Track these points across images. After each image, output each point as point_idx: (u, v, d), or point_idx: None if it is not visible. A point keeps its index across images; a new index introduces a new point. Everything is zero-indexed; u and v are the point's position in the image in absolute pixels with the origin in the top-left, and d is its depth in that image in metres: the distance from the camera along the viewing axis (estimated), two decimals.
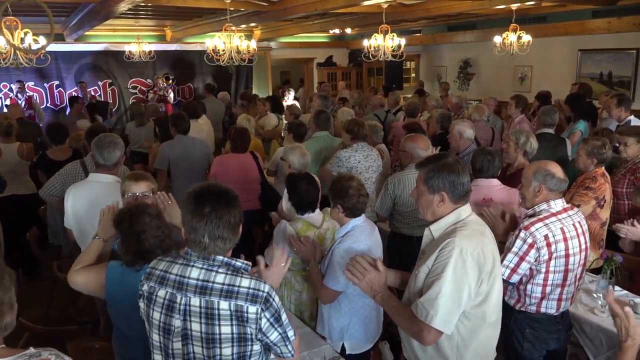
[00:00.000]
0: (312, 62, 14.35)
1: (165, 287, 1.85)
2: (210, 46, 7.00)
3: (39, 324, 3.36)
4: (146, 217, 2.35)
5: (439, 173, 2.13)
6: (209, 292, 1.78)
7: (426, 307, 2.03)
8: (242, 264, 1.86)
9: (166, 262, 1.91)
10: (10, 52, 5.06)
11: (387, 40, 7.41)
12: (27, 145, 5.52)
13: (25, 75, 9.90)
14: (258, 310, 1.77)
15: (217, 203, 1.80)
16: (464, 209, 2.17)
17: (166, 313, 1.85)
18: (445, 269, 2.00)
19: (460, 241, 2.03)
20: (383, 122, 6.79)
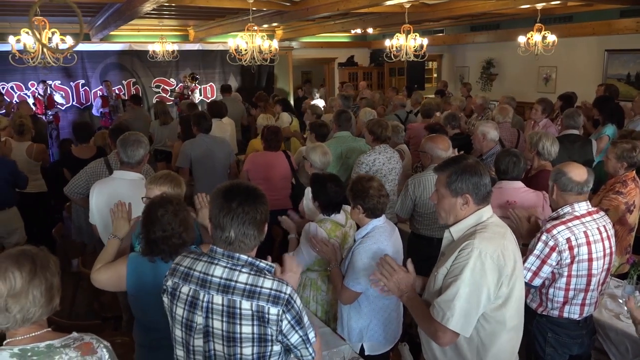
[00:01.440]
0: (333, 62, 14.34)
1: (189, 284, 1.87)
2: (232, 46, 7.05)
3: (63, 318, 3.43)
4: (160, 210, 2.40)
5: (462, 175, 2.10)
6: (231, 291, 1.80)
7: (442, 308, 2.02)
8: (266, 265, 1.87)
9: (191, 258, 1.94)
10: (38, 52, 5.17)
11: (409, 40, 7.37)
12: (38, 147, 5.62)
13: (52, 74, 10.10)
14: (279, 312, 1.78)
15: (244, 199, 1.82)
16: (486, 210, 2.15)
17: (189, 309, 1.87)
18: (463, 271, 1.99)
19: (480, 243, 2.01)
20: (404, 123, 6.76)
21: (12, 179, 4.72)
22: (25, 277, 1.58)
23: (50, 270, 1.66)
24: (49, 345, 1.59)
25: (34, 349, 1.57)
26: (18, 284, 1.57)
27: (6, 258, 1.60)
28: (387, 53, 7.62)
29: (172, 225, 2.38)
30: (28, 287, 1.58)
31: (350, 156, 4.86)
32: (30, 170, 5.44)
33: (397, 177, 4.56)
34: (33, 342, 1.59)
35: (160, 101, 9.18)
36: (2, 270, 1.57)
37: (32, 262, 1.62)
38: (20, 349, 1.56)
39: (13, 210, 4.82)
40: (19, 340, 1.58)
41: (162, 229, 2.37)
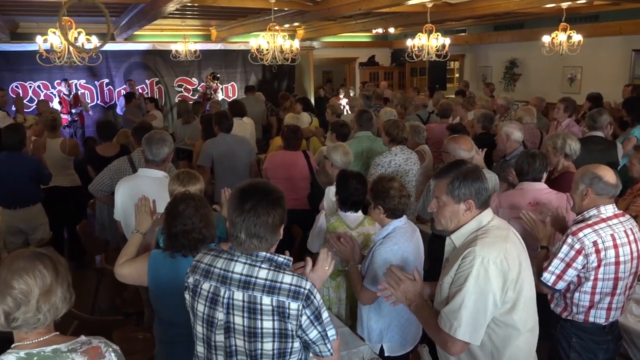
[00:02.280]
0: (354, 62, 14.31)
1: (210, 281, 1.89)
2: (254, 45, 7.08)
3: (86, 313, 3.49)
4: (182, 205, 2.45)
5: (465, 181, 2.07)
6: (251, 287, 1.81)
7: (449, 319, 2.00)
8: (284, 260, 1.88)
9: (211, 256, 1.95)
10: (64, 51, 5.26)
11: (431, 40, 7.31)
12: (71, 141, 5.73)
13: (77, 73, 10.29)
14: (299, 307, 1.79)
15: (258, 201, 1.81)
16: (485, 214, 2.12)
17: (210, 306, 1.88)
18: (467, 280, 1.97)
19: (482, 250, 1.98)
20: (425, 123, 6.71)
21: (36, 175, 4.81)
22: (52, 274, 1.59)
23: (65, 268, 1.66)
24: (56, 349, 1.58)
25: (40, 354, 1.56)
26: (48, 281, 1.57)
27: (29, 257, 1.59)
28: (408, 53, 7.57)
29: (192, 220, 2.42)
30: (55, 284, 1.59)
31: (371, 156, 4.85)
32: (64, 165, 5.54)
33: (414, 178, 4.52)
34: (40, 346, 1.58)
35: (183, 100, 9.28)
36: (32, 268, 1.56)
37: (51, 260, 1.62)
38: (26, 353, 1.55)
39: (37, 206, 4.91)
40: (27, 345, 1.57)
41: (182, 223, 2.42)
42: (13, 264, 1.56)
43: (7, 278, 1.54)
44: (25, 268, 1.55)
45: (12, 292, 1.53)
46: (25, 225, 4.82)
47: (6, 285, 1.53)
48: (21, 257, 1.59)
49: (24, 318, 1.54)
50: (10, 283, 1.53)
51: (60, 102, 9.70)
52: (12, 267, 1.55)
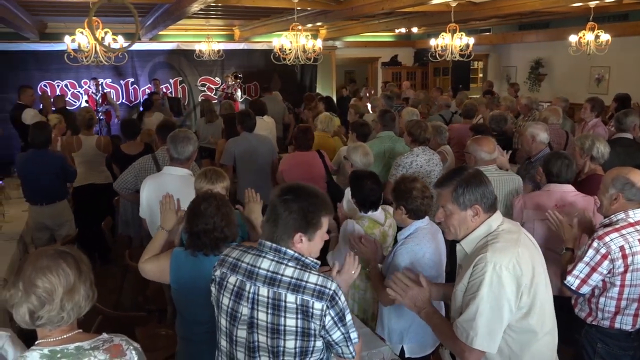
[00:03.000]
0: (376, 61, 14.27)
1: (237, 275, 1.91)
2: (277, 45, 7.11)
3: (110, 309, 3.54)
4: (204, 204, 2.46)
5: (469, 187, 2.05)
6: (277, 283, 1.82)
7: (465, 328, 1.98)
8: (311, 262, 1.89)
9: (240, 250, 1.97)
10: (91, 51, 5.36)
11: (454, 40, 7.25)
12: (105, 139, 5.84)
13: (104, 72, 10.47)
14: (323, 307, 1.79)
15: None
16: (494, 218, 2.09)
17: (235, 300, 1.90)
18: (480, 287, 1.94)
19: (493, 256, 1.95)
20: (448, 123, 6.66)
21: (62, 173, 4.91)
22: (75, 273, 1.61)
23: (88, 266, 1.68)
24: (78, 347, 1.59)
25: (63, 351, 1.57)
26: (71, 280, 1.59)
27: (52, 256, 1.61)
28: (431, 52, 7.52)
29: (214, 219, 2.44)
30: (78, 282, 1.61)
31: (393, 156, 4.83)
32: (99, 162, 5.65)
33: (436, 179, 4.48)
34: (63, 343, 1.59)
35: (207, 99, 9.36)
36: (56, 267, 1.58)
37: (74, 259, 1.64)
38: (50, 350, 1.56)
39: (63, 203, 5.01)
40: (50, 342, 1.59)
41: (204, 222, 2.43)
42: (37, 262, 1.58)
43: (31, 277, 1.55)
44: (49, 267, 1.57)
45: (37, 291, 1.55)
46: (51, 221, 4.92)
47: (31, 284, 1.55)
48: (45, 256, 1.60)
49: (48, 316, 1.56)
50: (35, 282, 1.55)
51: (87, 101, 9.91)
52: (36, 266, 1.57)
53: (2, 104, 9.94)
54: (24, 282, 1.56)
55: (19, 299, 1.55)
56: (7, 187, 5.81)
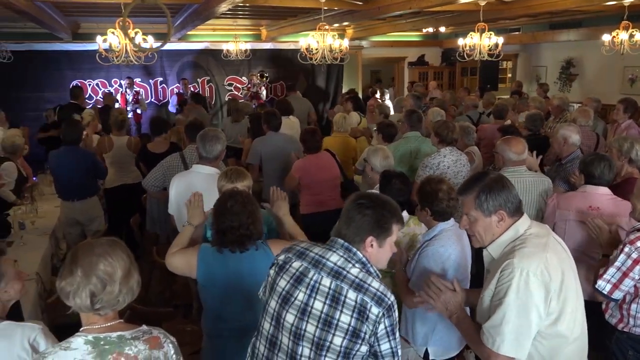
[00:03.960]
0: (403, 61, 14.17)
1: (302, 261, 1.95)
2: (304, 45, 7.13)
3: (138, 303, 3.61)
4: (230, 201, 2.49)
5: (492, 192, 2.02)
6: (342, 278, 1.86)
7: (492, 334, 1.96)
8: (375, 271, 1.93)
9: (310, 243, 2.04)
10: (122, 50, 5.46)
11: (483, 39, 7.15)
12: (135, 139, 5.95)
13: (133, 72, 10.65)
14: (379, 314, 1.81)
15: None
16: (521, 222, 2.06)
17: (293, 284, 1.93)
18: (507, 293, 1.91)
19: (520, 261, 1.92)
20: (476, 124, 6.57)
21: (93, 169, 5.02)
22: (128, 259, 1.69)
23: (132, 256, 1.75)
24: (120, 336, 1.65)
25: (107, 338, 1.63)
26: (127, 264, 1.67)
27: (107, 243, 1.69)
28: (459, 52, 7.43)
29: (240, 217, 2.46)
30: (132, 267, 1.69)
31: (419, 157, 4.79)
32: (130, 162, 5.77)
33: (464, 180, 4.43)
34: (106, 331, 1.65)
35: (234, 99, 9.45)
36: (114, 252, 1.66)
37: (123, 246, 1.72)
38: (94, 337, 1.63)
39: (94, 199, 5.12)
40: (94, 329, 1.65)
41: (230, 220, 2.46)
42: (95, 249, 1.65)
43: (92, 261, 1.62)
44: (108, 252, 1.66)
45: (98, 274, 1.62)
46: (82, 217, 5.03)
47: (91, 268, 1.62)
48: (100, 244, 1.69)
49: (107, 299, 1.63)
50: (97, 265, 1.62)
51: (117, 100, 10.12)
52: (94, 252, 1.64)
53: (37, 103, 10.23)
54: (83, 267, 1.62)
55: (78, 284, 1.61)
56: (40, 184, 5.98)
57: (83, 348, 1.61)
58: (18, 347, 1.96)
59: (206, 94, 11.78)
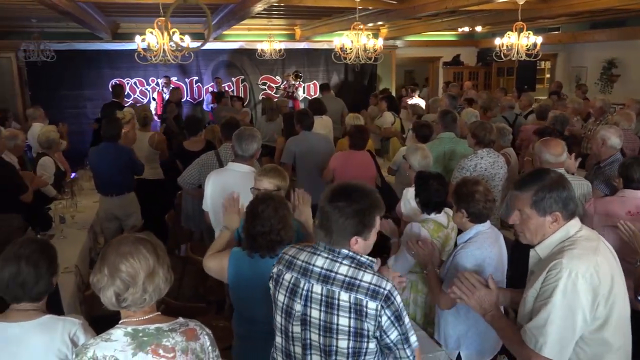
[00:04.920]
0: (437, 61, 14.01)
1: (292, 272, 1.94)
2: (338, 45, 7.12)
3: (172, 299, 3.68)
4: (262, 206, 2.47)
5: (551, 192, 1.95)
6: (331, 281, 1.83)
7: (535, 335, 1.90)
8: (367, 260, 1.89)
9: (296, 249, 2.01)
10: (160, 50, 5.56)
11: (521, 39, 7.01)
12: (159, 136, 6.05)
13: (170, 71, 10.86)
14: (378, 307, 1.78)
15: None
16: (572, 224, 1.99)
17: (289, 296, 1.93)
18: (553, 294, 1.85)
19: (569, 262, 1.86)
20: (512, 125, 6.44)
21: (131, 165, 5.14)
22: (154, 257, 1.71)
23: (164, 251, 1.78)
24: (158, 328, 1.70)
25: (145, 330, 1.68)
26: (151, 264, 1.69)
27: (132, 242, 1.71)
28: (496, 52, 7.30)
29: (271, 222, 2.43)
30: (157, 266, 1.71)
31: (453, 158, 4.73)
32: (151, 159, 5.88)
33: (501, 182, 4.35)
34: (144, 323, 1.70)
35: (268, 98, 9.53)
36: (136, 252, 1.68)
37: (152, 244, 1.74)
38: (132, 329, 1.68)
39: (131, 195, 5.24)
40: (133, 321, 1.70)
41: (261, 224, 2.43)
42: (119, 249, 1.69)
43: (115, 262, 1.66)
44: (131, 252, 1.68)
45: (121, 275, 1.65)
46: (120, 212, 5.16)
47: (115, 269, 1.66)
48: (125, 243, 1.71)
49: (132, 298, 1.67)
50: (119, 267, 1.66)
51: (153, 98, 10.33)
52: (119, 252, 1.68)
53: (76, 101, 10.55)
54: (109, 268, 1.66)
55: (105, 283, 1.66)
56: (80, 179, 6.16)
57: (123, 340, 1.66)
58: (59, 341, 2.02)
59: (240, 93, 11.91)
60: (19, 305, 2.05)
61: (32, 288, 2.04)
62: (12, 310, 2.05)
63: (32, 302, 2.06)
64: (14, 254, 2.03)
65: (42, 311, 2.10)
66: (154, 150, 5.92)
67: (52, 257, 2.15)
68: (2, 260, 2.04)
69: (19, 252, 2.03)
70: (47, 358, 2.00)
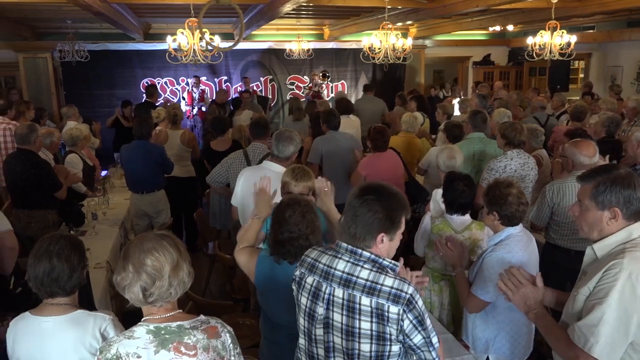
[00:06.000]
0: (467, 60, 13.83)
1: (314, 275, 1.94)
2: (366, 44, 7.10)
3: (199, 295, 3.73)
4: (289, 211, 2.41)
5: (612, 187, 1.90)
6: (352, 285, 1.82)
7: (585, 334, 1.84)
8: (389, 263, 1.86)
9: (318, 251, 2.00)
10: (190, 50, 5.63)
11: (554, 38, 6.85)
12: (190, 134, 6.12)
13: (200, 71, 11.00)
14: (400, 311, 1.76)
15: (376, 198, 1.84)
16: (636, 227, 1.92)
17: (312, 300, 1.93)
18: (609, 293, 1.80)
19: (630, 263, 1.80)
20: (544, 126, 6.31)
21: (162, 162, 5.22)
22: (177, 252, 1.74)
23: (184, 247, 1.80)
24: (180, 325, 1.71)
25: (167, 328, 1.70)
26: (175, 257, 1.72)
27: (155, 238, 1.74)
28: (528, 51, 7.16)
29: (299, 227, 2.39)
30: (181, 260, 1.74)
31: (483, 159, 4.66)
32: (182, 156, 5.96)
33: (531, 184, 4.27)
34: (166, 321, 1.72)
35: (295, 97, 9.55)
36: (160, 247, 1.72)
37: (172, 239, 1.77)
38: (155, 327, 1.70)
39: (161, 192, 5.32)
40: (155, 319, 1.72)
41: (289, 230, 2.39)
42: (142, 245, 1.72)
43: (140, 257, 1.69)
44: (155, 247, 1.71)
45: (147, 269, 1.68)
46: (150, 209, 5.25)
47: (141, 264, 1.69)
48: (148, 239, 1.74)
49: (158, 292, 1.69)
50: (145, 261, 1.69)
51: (184, 97, 10.49)
52: (142, 248, 1.71)
53: (109, 100, 10.77)
54: (134, 264, 1.69)
55: (130, 279, 1.69)
56: (112, 177, 6.30)
57: (145, 337, 1.68)
58: (90, 336, 2.06)
59: (268, 93, 11.99)
60: (53, 300, 2.10)
61: (67, 282, 2.09)
62: (45, 305, 2.11)
63: (66, 296, 2.12)
64: (45, 251, 2.08)
65: (74, 306, 2.15)
66: (184, 148, 6.00)
67: (82, 251, 2.20)
68: (34, 258, 2.09)
69: (50, 249, 2.08)
70: (78, 352, 2.05)
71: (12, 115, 6.60)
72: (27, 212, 4.45)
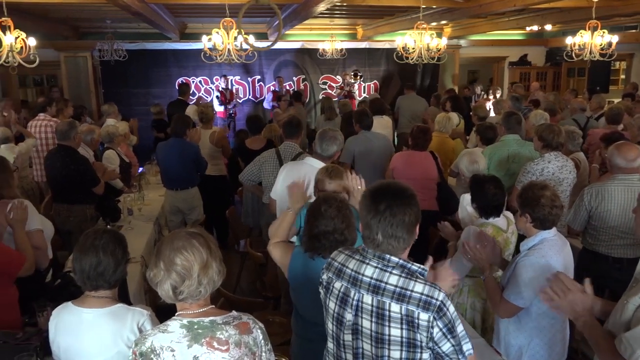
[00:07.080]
0: (503, 61, 13.57)
1: (341, 280, 1.91)
2: (400, 44, 7.05)
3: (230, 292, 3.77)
4: (324, 205, 2.44)
5: None
6: (381, 292, 1.79)
7: (632, 345, 1.77)
8: (418, 268, 1.83)
9: (345, 255, 1.97)
10: (225, 49, 5.70)
11: (595, 38, 6.67)
12: (219, 133, 6.18)
13: (233, 70, 11.12)
14: (430, 318, 1.73)
15: (392, 201, 1.79)
16: None
17: (340, 305, 1.91)
18: None
19: None
20: (583, 128, 6.15)
21: (196, 160, 5.30)
22: (206, 250, 1.76)
23: (215, 245, 1.82)
24: (212, 320, 1.74)
25: (200, 323, 1.72)
26: (204, 256, 1.74)
27: (185, 237, 1.76)
28: (567, 52, 6.99)
29: (334, 221, 2.39)
30: (210, 258, 1.76)
31: (517, 161, 4.56)
32: (212, 155, 6.04)
33: (569, 188, 4.16)
34: (199, 316, 1.74)
35: (327, 97, 9.57)
36: (190, 246, 1.74)
37: (204, 238, 1.79)
38: (188, 321, 1.73)
39: (195, 189, 5.41)
40: (189, 314, 1.75)
41: (324, 224, 2.40)
42: (173, 244, 1.75)
43: (170, 256, 1.72)
44: (184, 246, 1.73)
45: (177, 268, 1.71)
46: (184, 205, 5.34)
47: (171, 263, 1.72)
48: (178, 237, 1.77)
49: (188, 291, 1.72)
50: (174, 260, 1.71)
51: (218, 97, 10.65)
52: (173, 247, 1.74)
53: (145, 98, 11.00)
54: (164, 262, 1.72)
55: (162, 277, 1.73)
56: (147, 173, 6.43)
57: (179, 332, 1.71)
58: (128, 330, 2.12)
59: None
60: (96, 293, 2.16)
61: (111, 276, 2.15)
62: (87, 297, 2.17)
63: (109, 289, 2.18)
64: (91, 245, 2.14)
65: (114, 299, 2.20)
66: (215, 147, 6.08)
67: (125, 245, 2.25)
68: (80, 252, 2.14)
69: (96, 243, 2.14)
70: (116, 345, 2.11)
71: (53, 113, 6.83)
72: (67, 206, 4.59)
